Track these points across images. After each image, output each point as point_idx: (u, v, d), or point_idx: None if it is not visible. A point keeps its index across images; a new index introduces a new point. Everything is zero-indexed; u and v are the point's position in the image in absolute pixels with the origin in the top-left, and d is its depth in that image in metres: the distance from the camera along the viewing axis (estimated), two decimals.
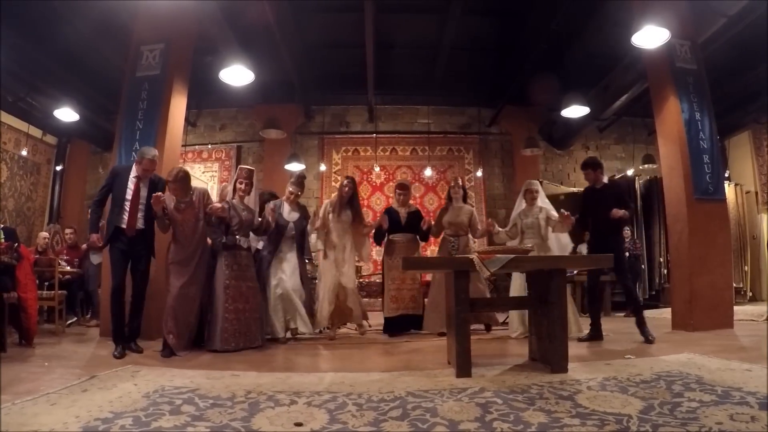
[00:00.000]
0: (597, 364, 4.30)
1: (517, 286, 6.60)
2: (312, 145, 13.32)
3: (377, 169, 12.84)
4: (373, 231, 7.28)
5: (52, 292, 7.27)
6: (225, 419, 2.85)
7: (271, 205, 6.50)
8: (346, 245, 6.87)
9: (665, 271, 10.91)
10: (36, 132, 11.97)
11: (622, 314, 10.21)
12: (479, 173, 13.08)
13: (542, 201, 6.76)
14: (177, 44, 7.42)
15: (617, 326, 7.86)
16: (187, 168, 7.09)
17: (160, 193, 5.36)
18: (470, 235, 7.22)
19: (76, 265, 8.62)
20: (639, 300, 6.61)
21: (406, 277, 7.09)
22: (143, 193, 5.60)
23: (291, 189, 6.77)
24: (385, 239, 7.38)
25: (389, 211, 7.38)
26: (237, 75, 7.94)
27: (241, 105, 12.78)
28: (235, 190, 6.03)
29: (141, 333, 5.80)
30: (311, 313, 6.66)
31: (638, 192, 11.59)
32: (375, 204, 12.70)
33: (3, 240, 6.21)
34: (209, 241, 5.88)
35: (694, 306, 6.82)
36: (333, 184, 12.84)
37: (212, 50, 9.06)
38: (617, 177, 12.09)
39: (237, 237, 5.83)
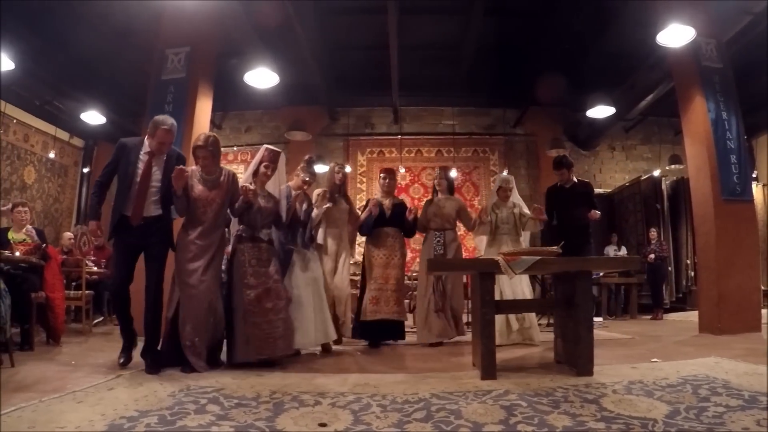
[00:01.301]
0: (623, 368, 4.26)
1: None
2: (337, 146, 13.36)
3: (402, 170, 12.78)
4: (363, 220, 6.36)
5: (80, 292, 7.34)
6: (249, 419, 2.87)
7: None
8: (342, 239, 6.13)
9: (692, 274, 10.75)
10: (63, 135, 12.15)
11: (649, 317, 10.14)
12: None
13: (515, 197, 6.62)
14: (201, 47, 7.50)
15: (643, 329, 7.80)
16: None
17: (183, 167, 4.47)
18: (458, 230, 6.72)
19: (103, 265, 8.72)
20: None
21: (389, 276, 6.24)
22: (156, 174, 4.57)
23: (305, 177, 5.66)
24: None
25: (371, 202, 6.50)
26: (262, 77, 8.02)
27: (266, 107, 12.85)
28: (256, 173, 5.03)
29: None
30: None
31: (665, 193, 11.44)
32: None
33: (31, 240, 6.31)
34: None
35: (721, 309, 6.71)
36: (358, 185, 12.91)
37: (237, 53, 9.13)
38: (643, 178, 11.97)
39: (255, 228, 4.88)
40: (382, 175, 6.69)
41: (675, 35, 6.53)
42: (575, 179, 6.67)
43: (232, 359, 4.59)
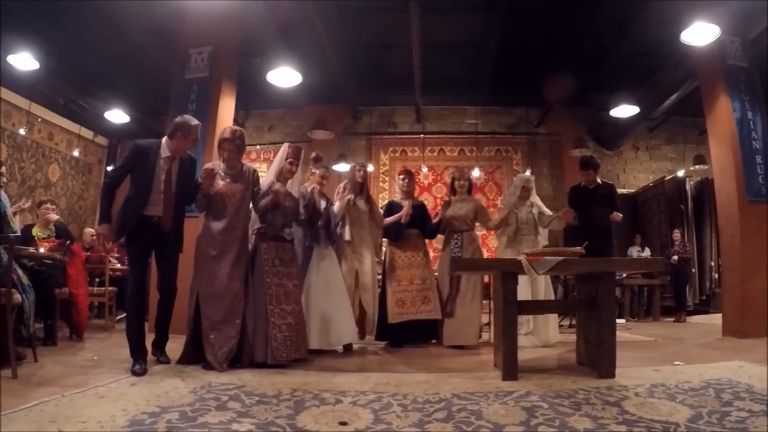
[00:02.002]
0: (645, 370, 4.22)
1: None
2: (359, 145, 13.34)
3: (425, 169, 12.75)
4: (390, 225, 6.29)
5: (103, 288, 7.44)
6: (270, 416, 2.88)
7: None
8: (364, 239, 6.07)
9: (716, 276, 10.62)
10: (87, 133, 12.29)
11: (672, 319, 10.04)
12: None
13: (534, 197, 6.63)
14: (224, 47, 7.52)
15: (666, 331, 7.73)
16: None
17: (212, 168, 4.53)
18: (476, 230, 6.55)
19: (127, 262, 8.78)
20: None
21: (414, 276, 6.16)
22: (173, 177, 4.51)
23: (320, 173, 5.71)
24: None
25: (392, 205, 6.50)
26: (284, 76, 8.05)
27: (289, 106, 12.83)
28: (280, 171, 4.92)
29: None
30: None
31: (689, 193, 11.31)
32: None
33: (55, 237, 6.38)
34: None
35: (745, 312, 6.62)
36: (381, 184, 12.86)
37: (260, 52, 9.15)
38: (667, 178, 11.85)
39: (277, 227, 4.83)
40: (401, 176, 6.63)
41: (699, 34, 6.44)
42: (599, 180, 6.67)
43: (253, 358, 4.48)
